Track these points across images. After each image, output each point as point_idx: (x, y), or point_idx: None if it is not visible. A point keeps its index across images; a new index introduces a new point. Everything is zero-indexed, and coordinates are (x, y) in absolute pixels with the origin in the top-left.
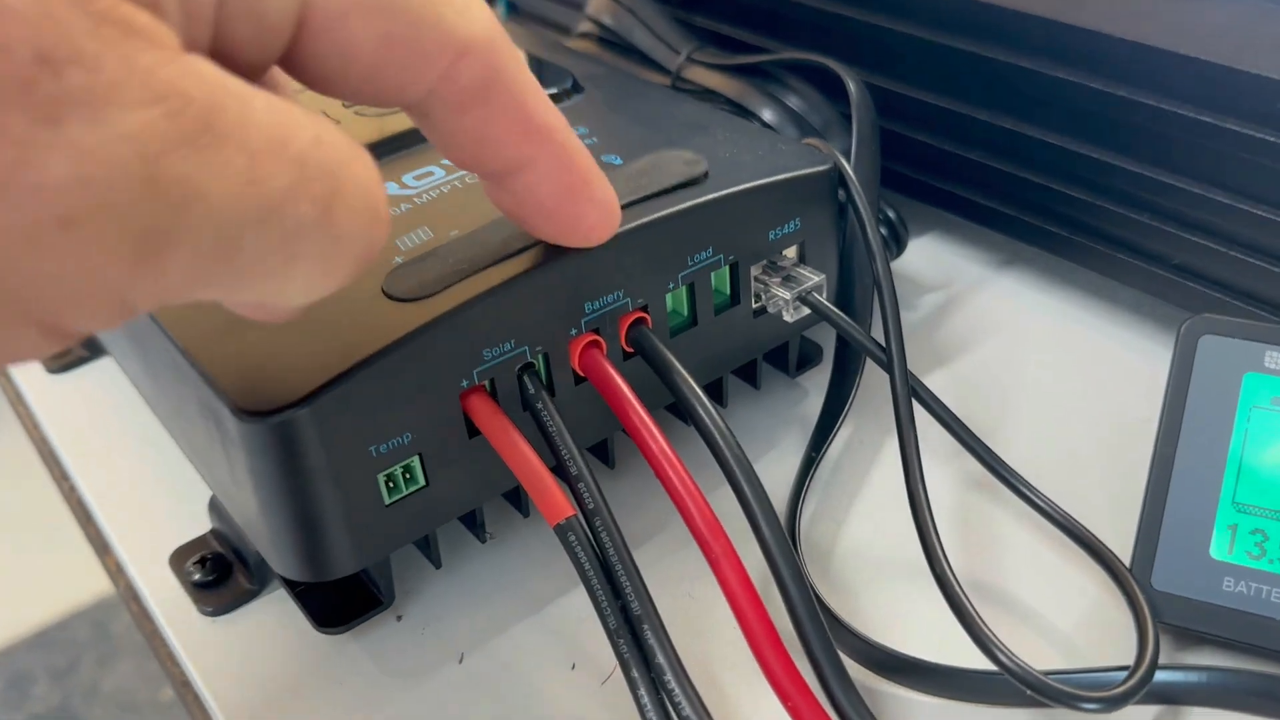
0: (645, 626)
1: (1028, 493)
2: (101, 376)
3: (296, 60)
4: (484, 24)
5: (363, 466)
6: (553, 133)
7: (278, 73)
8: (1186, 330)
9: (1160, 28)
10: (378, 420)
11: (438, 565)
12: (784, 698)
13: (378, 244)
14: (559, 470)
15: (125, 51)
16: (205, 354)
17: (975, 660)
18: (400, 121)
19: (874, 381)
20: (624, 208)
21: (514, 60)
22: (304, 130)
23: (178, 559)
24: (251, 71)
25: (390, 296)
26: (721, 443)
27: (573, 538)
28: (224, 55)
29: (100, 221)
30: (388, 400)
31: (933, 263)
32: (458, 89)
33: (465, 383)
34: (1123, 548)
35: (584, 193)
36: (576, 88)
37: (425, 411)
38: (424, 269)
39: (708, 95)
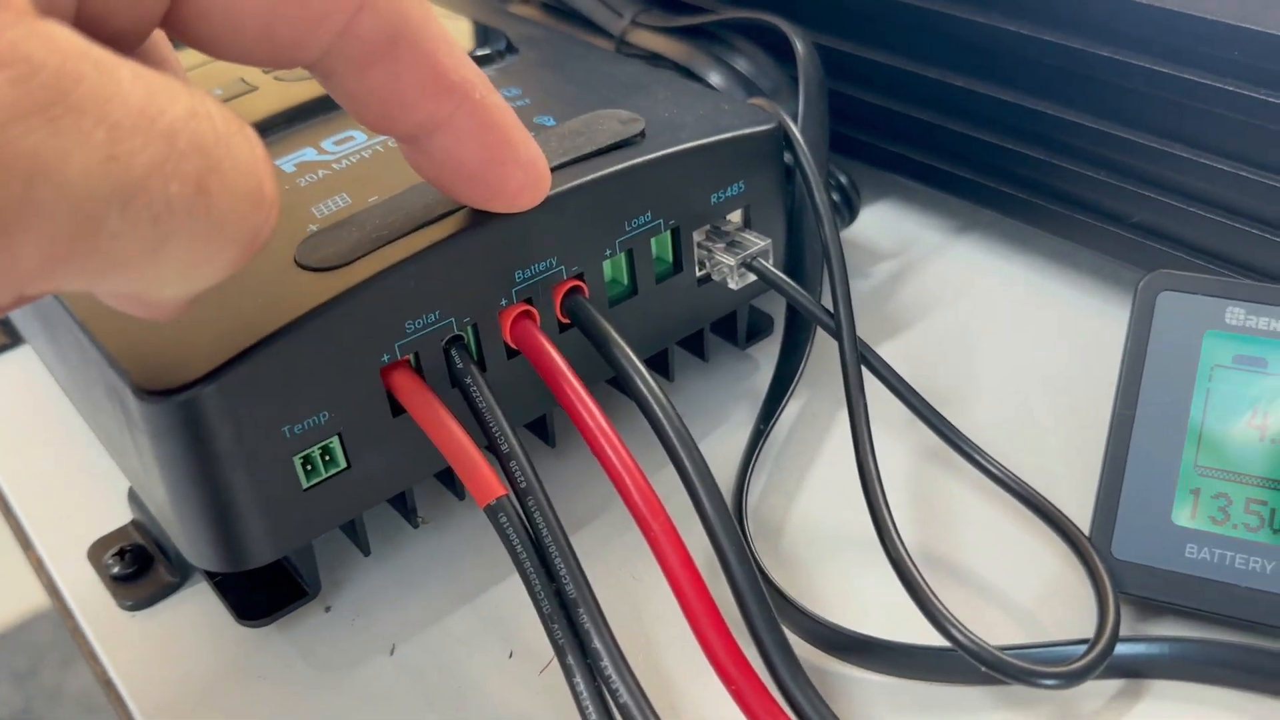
0: (581, 610)
1: (982, 460)
2: (19, 365)
3: (180, 24)
4: None
5: (276, 448)
6: (469, 89)
7: (161, 42)
8: (1144, 287)
9: None
10: (291, 398)
11: (366, 552)
12: (727, 681)
13: (263, 229)
14: (491, 449)
15: None
16: (106, 331)
17: (929, 637)
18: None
19: (826, 352)
20: (556, 169)
21: (421, 11)
22: (176, 103)
23: (96, 551)
24: (127, 39)
25: (303, 266)
26: (662, 417)
27: (504, 518)
28: (93, 21)
29: None
30: (301, 377)
31: (887, 230)
32: (359, 44)
33: (386, 357)
34: (1084, 517)
35: (507, 153)
36: (511, 49)
37: (343, 388)
38: (339, 236)
39: (653, 59)
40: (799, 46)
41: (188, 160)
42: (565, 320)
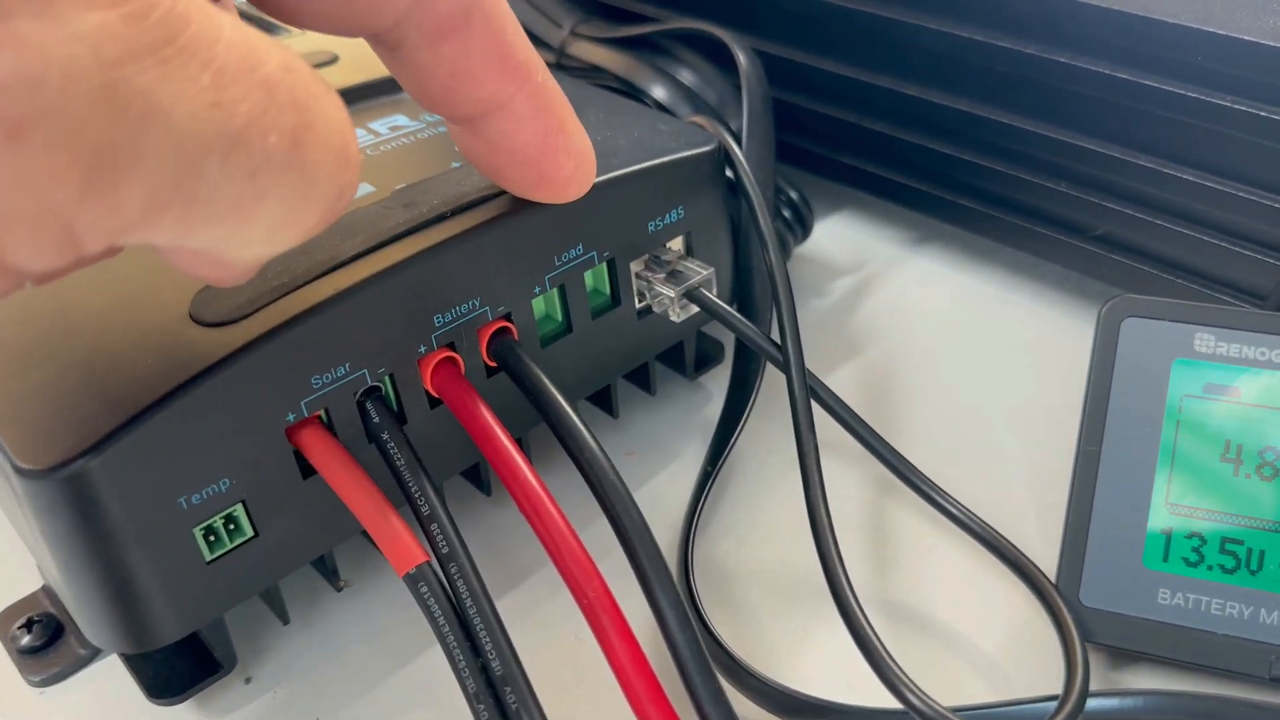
0: (507, 689)
1: (942, 501)
2: None
3: None
4: None
5: (173, 520)
6: (532, 72)
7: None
8: (1107, 313)
9: None
10: (187, 466)
11: (285, 621)
12: None
13: (349, 190)
14: (412, 510)
15: None
16: None
17: (887, 698)
18: None
19: (778, 379)
20: (475, 204)
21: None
22: (272, 56)
23: (4, 621)
24: None
25: (197, 320)
26: (597, 474)
27: (424, 588)
28: None
29: (49, 131)
30: (197, 442)
31: (843, 244)
32: (434, 14)
33: (292, 416)
34: (1053, 553)
35: (561, 141)
36: None
37: (245, 452)
38: (237, 287)
39: (594, 72)
40: (741, 59)
41: (285, 114)
42: (493, 364)
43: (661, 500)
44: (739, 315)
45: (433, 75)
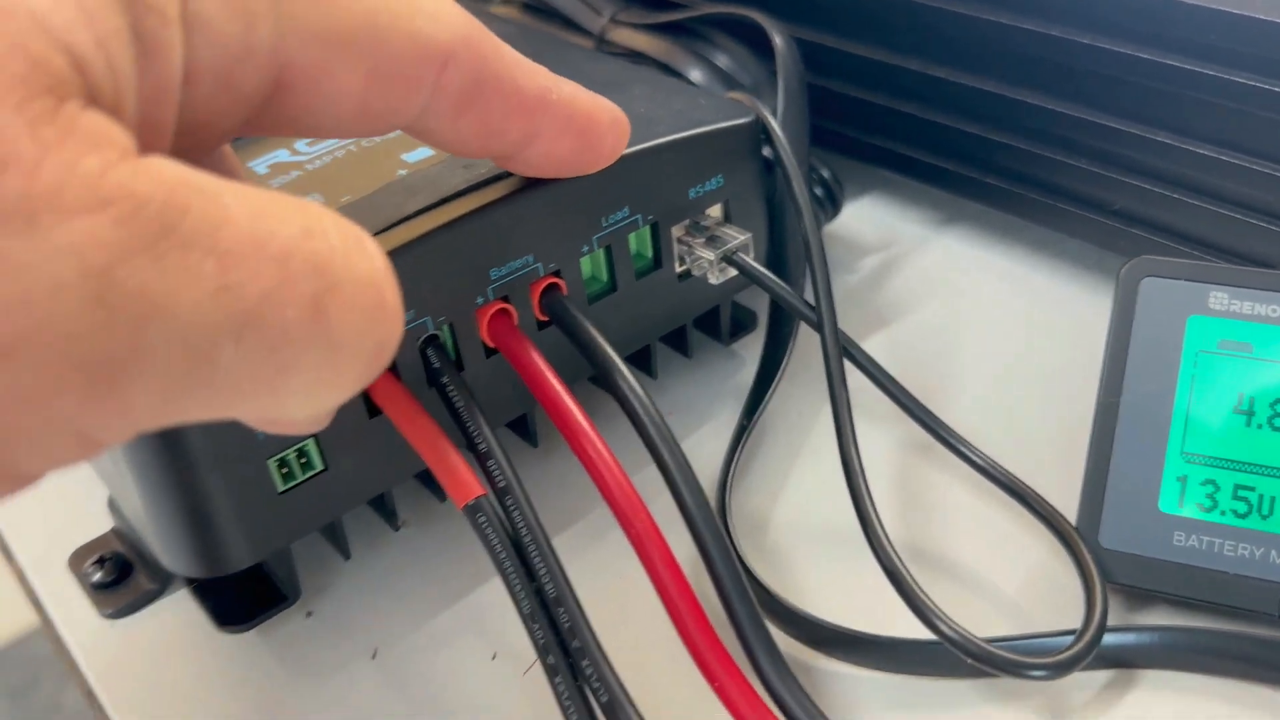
0: (561, 610)
1: (967, 452)
2: None
3: (275, 115)
4: (459, 24)
5: (250, 451)
6: (547, 94)
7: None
8: (1127, 273)
9: None
10: None
11: (346, 556)
12: (711, 679)
13: (389, 344)
14: (469, 448)
15: (66, 155)
16: None
17: (916, 631)
18: None
19: (810, 345)
20: None
21: (495, 48)
22: (287, 223)
23: (77, 560)
24: (222, 137)
25: None
26: (644, 416)
27: (482, 518)
28: (194, 129)
29: (42, 349)
30: None
31: (871, 224)
32: (449, 98)
33: None
34: (1072, 507)
35: (594, 132)
36: None
37: None
38: None
39: (634, 57)
40: (777, 41)
41: (303, 282)
42: (544, 318)
43: (699, 458)
44: (775, 278)
45: (463, 142)
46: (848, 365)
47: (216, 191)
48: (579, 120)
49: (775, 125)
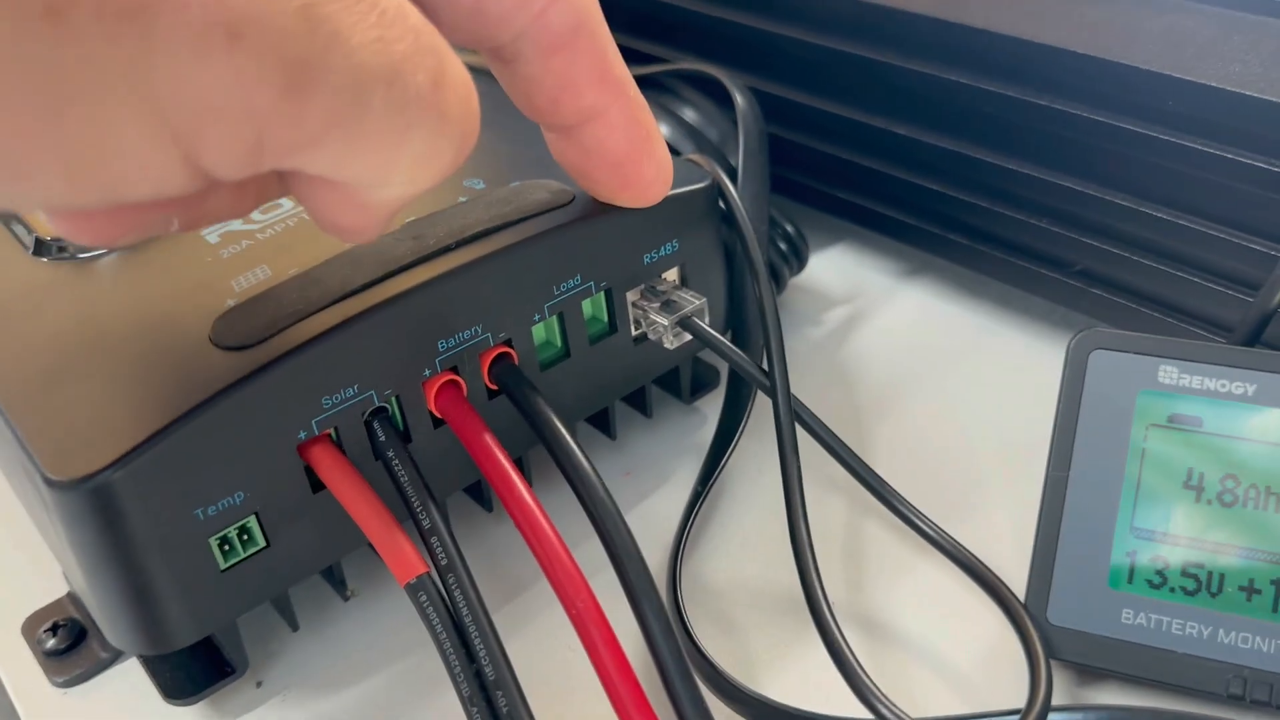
0: (499, 693)
1: (919, 523)
2: None
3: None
4: None
5: (191, 530)
6: (626, 85)
7: None
8: (1076, 345)
9: (1047, 25)
10: (205, 480)
11: (295, 627)
12: None
13: (472, 135)
14: (414, 524)
15: None
16: (20, 410)
17: (862, 710)
18: None
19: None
20: (479, 236)
21: (597, 11)
22: (413, 10)
23: (30, 626)
24: None
25: (217, 345)
26: (588, 494)
27: (424, 597)
28: None
29: (261, 39)
30: (215, 457)
31: (839, 274)
32: (549, 30)
33: (304, 434)
34: (1024, 578)
35: (647, 148)
36: None
37: (259, 467)
38: (254, 312)
39: None
40: (738, 99)
41: (429, 57)
42: (494, 386)
43: (656, 519)
44: (728, 343)
45: (541, 86)
46: (801, 432)
47: None
48: (639, 128)
49: (732, 191)
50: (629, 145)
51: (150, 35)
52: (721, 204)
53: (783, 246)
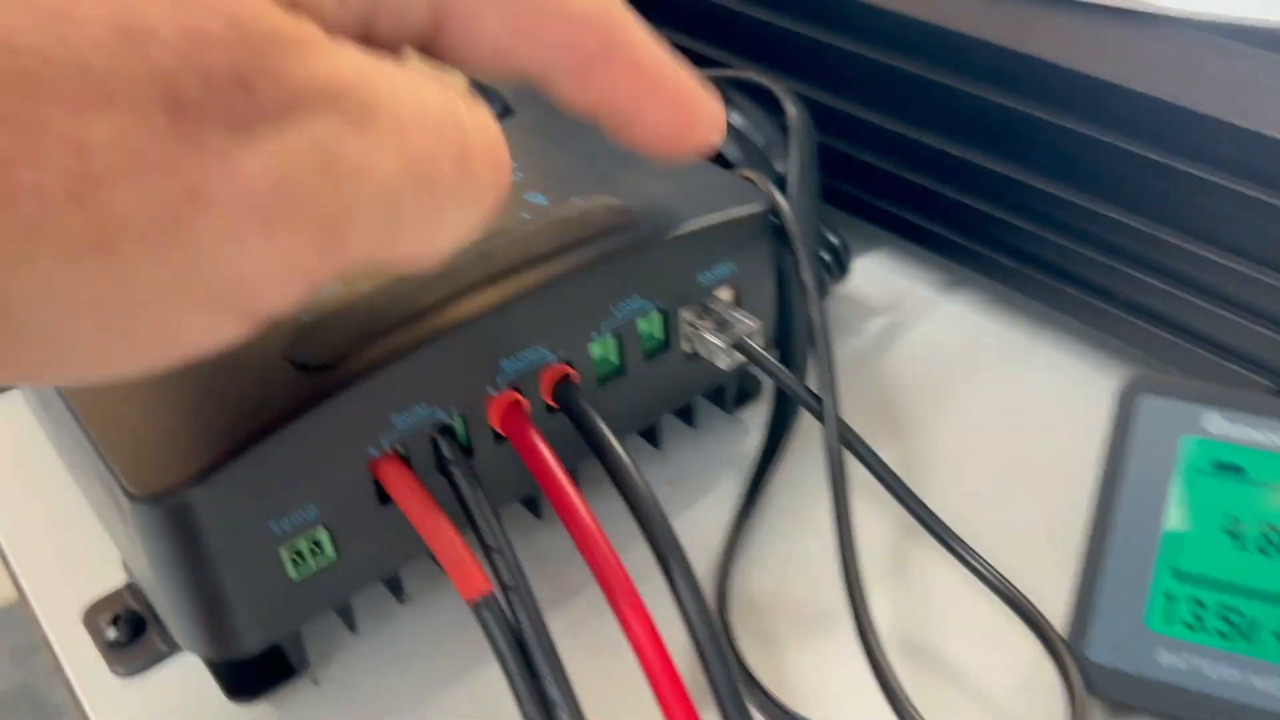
0: (561, 713)
1: (963, 554)
2: (16, 409)
3: (433, 43)
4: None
5: (265, 544)
6: (664, 77)
7: None
8: (1124, 390)
9: (1109, 60)
10: (279, 495)
11: (354, 630)
12: None
13: (504, 184)
14: (478, 541)
15: (305, 61)
16: (101, 427)
17: None
18: None
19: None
20: (544, 259)
21: (627, 25)
22: (432, 93)
23: (92, 615)
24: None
25: (294, 364)
26: (646, 513)
27: (488, 615)
28: (365, 39)
29: (291, 216)
30: (290, 474)
31: (879, 284)
32: (576, 60)
33: (375, 451)
34: (1063, 599)
35: (695, 119)
36: (508, 111)
37: (331, 483)
38: (328, 330)
39: None
40: (791, 111)
41: (450, 135)
42: (554, 404)
43: (699, 529)
44: (782, 368)
45: (577, 103)
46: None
47: (389, 71)
48: (685, 109)
49: (788, 213)
50: (677, 127)
51: (192, 243)
52: (774, 218)
53: (826, 256)
